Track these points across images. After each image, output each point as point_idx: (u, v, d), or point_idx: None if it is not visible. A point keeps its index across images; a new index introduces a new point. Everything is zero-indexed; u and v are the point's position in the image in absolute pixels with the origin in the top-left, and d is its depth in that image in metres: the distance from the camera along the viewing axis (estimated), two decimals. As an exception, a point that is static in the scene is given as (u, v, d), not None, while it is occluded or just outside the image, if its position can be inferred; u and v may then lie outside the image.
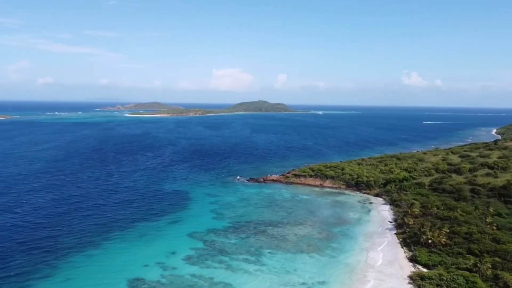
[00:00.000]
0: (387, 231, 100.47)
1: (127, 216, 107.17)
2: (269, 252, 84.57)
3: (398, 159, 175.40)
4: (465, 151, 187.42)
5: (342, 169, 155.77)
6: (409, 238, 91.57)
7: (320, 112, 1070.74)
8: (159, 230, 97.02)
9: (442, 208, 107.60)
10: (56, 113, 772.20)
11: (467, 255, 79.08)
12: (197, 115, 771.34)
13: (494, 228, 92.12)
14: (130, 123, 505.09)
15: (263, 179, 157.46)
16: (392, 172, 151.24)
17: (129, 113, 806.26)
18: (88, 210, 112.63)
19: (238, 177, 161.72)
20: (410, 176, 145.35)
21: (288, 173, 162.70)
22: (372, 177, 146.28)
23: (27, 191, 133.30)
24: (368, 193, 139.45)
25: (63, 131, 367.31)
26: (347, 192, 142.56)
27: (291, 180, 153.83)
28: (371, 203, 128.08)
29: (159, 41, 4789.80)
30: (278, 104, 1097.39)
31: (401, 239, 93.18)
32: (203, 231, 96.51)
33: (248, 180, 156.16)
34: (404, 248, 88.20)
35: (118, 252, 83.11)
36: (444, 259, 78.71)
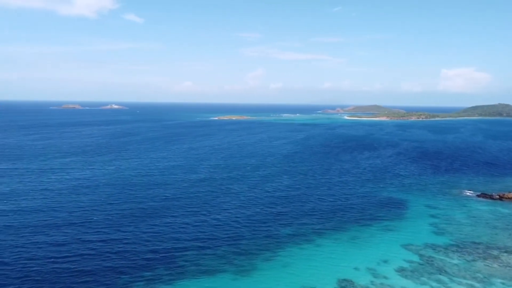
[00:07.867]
0: None
1: (340, 216, 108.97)
2: (502, 283, 70.63)
3: None
4: None
5: None
6: None
7: None
8: (372, 235, 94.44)
9: None
10: (281, 114, 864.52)
11: None
12: (420, 119, 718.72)
13: None
14: (349, 125, 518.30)
15: (499, 196, 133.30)
16: None
17: (348, 116, 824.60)
18: (307, 202, 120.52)
19: (465, 190, 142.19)
20: None
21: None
22: None
23: (266, 176, 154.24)
24: None
25: (295, 130, 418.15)
26: None
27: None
28: None
29: (381, 43, 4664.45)
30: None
31: None
32: (420, 245, 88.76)
33: (478, 195, 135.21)
34: None
35: (329, 249, 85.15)
36: None
